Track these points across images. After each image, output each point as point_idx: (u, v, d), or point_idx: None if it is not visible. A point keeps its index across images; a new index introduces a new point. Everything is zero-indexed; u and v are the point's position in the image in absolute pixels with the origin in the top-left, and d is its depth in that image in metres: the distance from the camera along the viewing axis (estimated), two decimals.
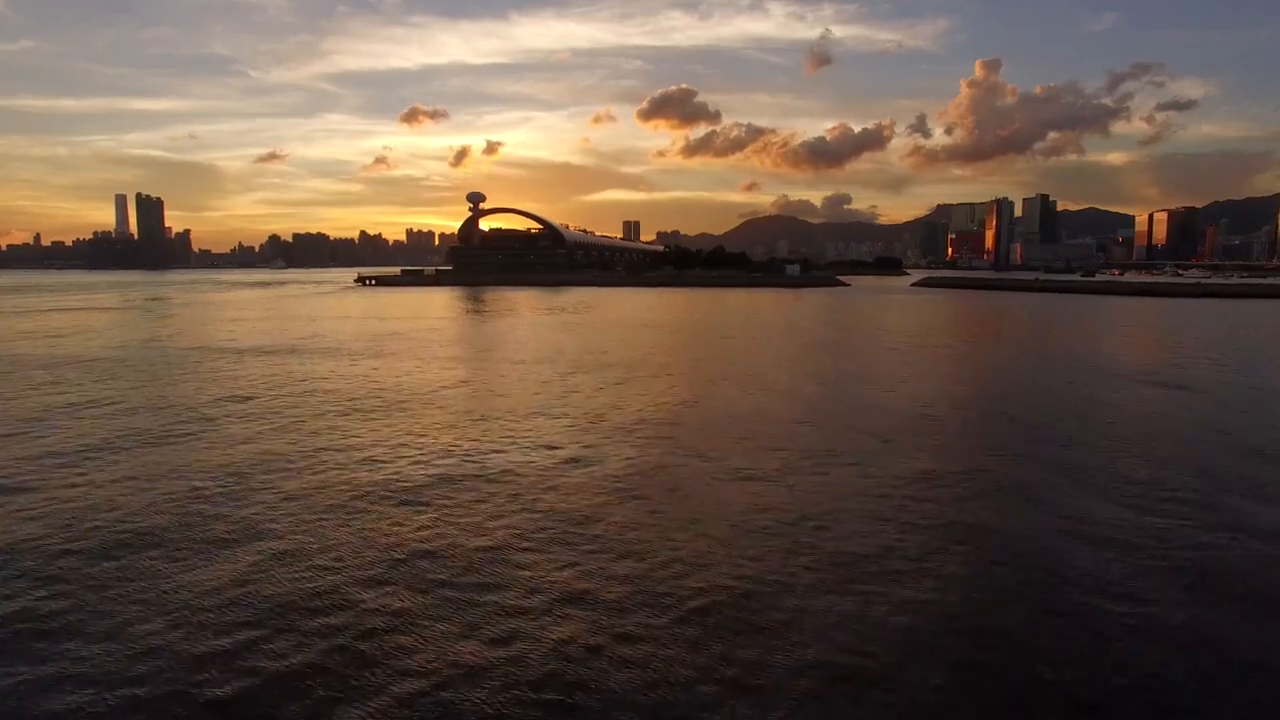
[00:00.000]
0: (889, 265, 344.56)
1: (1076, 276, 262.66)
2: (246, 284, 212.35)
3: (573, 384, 34.02)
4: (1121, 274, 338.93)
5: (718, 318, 80.00)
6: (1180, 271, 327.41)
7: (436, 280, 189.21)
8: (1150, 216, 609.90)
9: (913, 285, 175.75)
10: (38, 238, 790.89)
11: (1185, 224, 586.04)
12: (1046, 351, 48.31)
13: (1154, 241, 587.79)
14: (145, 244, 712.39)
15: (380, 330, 62.05)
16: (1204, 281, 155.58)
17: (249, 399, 30.20)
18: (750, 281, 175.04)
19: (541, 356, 43.50)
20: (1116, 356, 45.47)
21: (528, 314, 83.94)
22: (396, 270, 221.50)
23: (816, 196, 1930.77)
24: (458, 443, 23.02)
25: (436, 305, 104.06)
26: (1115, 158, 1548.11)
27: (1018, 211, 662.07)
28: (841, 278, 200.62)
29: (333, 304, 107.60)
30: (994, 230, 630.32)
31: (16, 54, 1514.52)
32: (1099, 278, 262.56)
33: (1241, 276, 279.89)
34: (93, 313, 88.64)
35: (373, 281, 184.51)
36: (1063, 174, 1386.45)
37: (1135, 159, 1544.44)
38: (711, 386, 33.78)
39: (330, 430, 24.55)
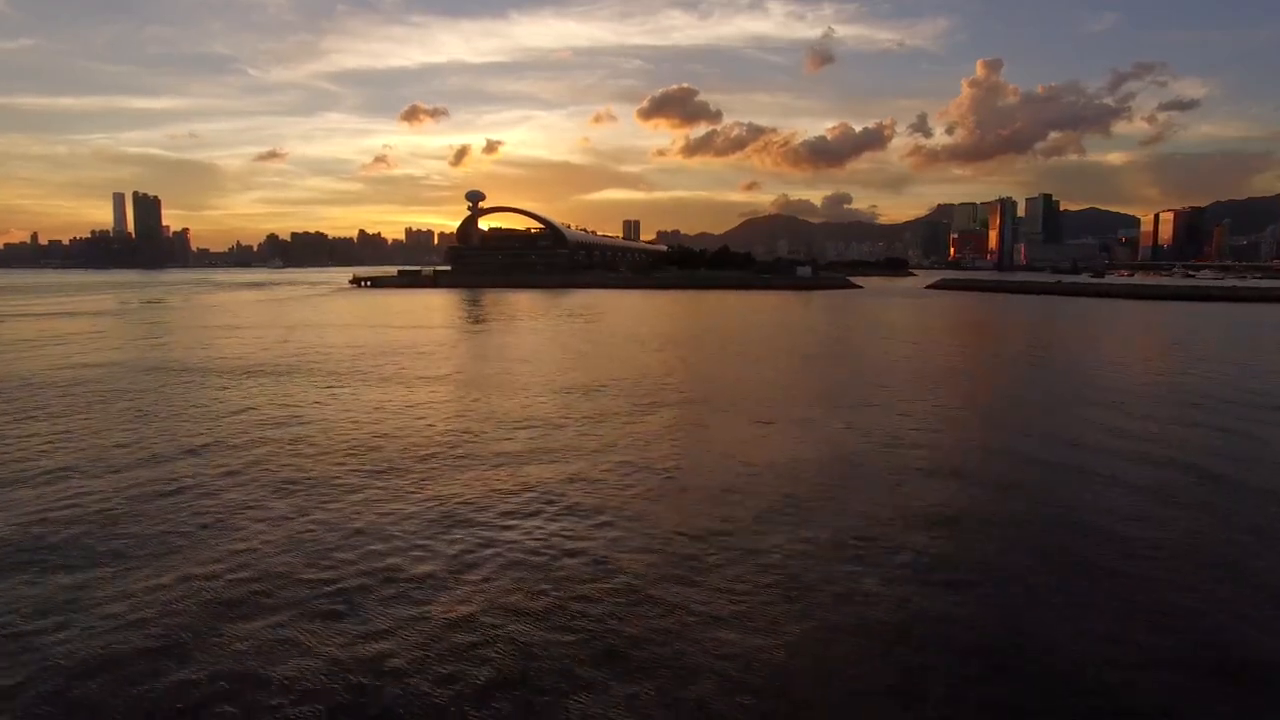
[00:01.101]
0: (895, 266, 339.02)
1: (1087, 278, 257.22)
2: (240, 285, 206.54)
3: (618, 429, 28.13)
4: (1131, 275, 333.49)
5: (739, 325, 74.16)
6: (1191, 273, 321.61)
7: (434, 282, 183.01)
8: (1156, 216, 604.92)
9: (927, 288, 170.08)
10: (35, 236, 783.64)
11: (1192, 224, 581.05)
12: (1170, 379, 42.50)
13: (1160, 241, 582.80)
14: (143, 243, 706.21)
15: (375, 344, 56.09)
16: (1240, 285, 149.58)
17: (207, 448, 24.27)
18: (760, 283, 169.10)
19: (568, 383, 37.39)
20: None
21: (535, 321, 78.05)
22: (393, 271, 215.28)
23: (816, 196, 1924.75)
24: (500, 536, 17.16)
25: (435, 310, 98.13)
26: (1115, 157, 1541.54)
27: (1020, 211, 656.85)
28: (852, 279, 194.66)
29: (324, 309, 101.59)
30: (998, 230, 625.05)
31: (16, 52, 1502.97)
32: (1109, 279, 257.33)
33: (1255, 278, 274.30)
34: (68, 320, 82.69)
35: (368, 283, 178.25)
36: (1063, 174, 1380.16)
37: (1135, 159, 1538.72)
38: (813, 437, 27.94)
39: (309, 512, 18.28)
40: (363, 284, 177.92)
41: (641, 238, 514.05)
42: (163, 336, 62.29)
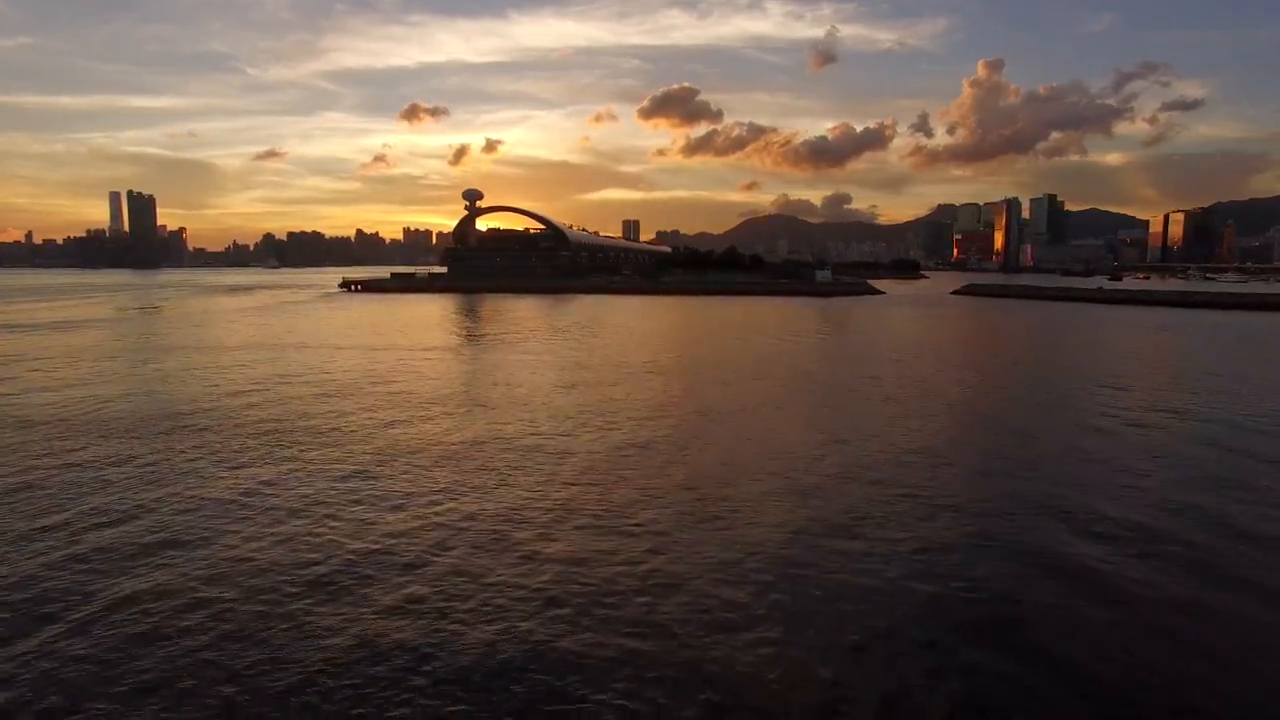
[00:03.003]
0: (906, 268, 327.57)
1: (1104, 280, 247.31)
2: (225, 289, 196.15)
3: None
4: (1146, 278, 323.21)
5: (782, 344, 63.94)
6: (1210, 275, 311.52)
7: (429, 285, 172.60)
8: (1166, 217, 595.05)
9: (952, 293, 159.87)
10: (29, 235, 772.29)
11: (1200, 225, 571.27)
12: None
13: (1169, 243, 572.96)
14: (137, 242, 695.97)
15: (345, 374, 46.02)
16: None
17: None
18: (776, 289, 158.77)
19: (600, 470, 27.33)
20: None
21: (538, 340, 67.90)
22: (387, 273, 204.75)
23: (816, 196, 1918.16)
24: None
25: (429, 323, 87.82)
26: (1114, 158, 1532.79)
27: (1023, 212, 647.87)
28: (868, 282, 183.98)
29: (305, 320, 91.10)
30: (1003, 231, 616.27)
31: (15, 51, 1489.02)
32: (1129, 282, 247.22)
33: (1278, 281, 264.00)
34: (11, 336, 72.68)
35: (358, 287, 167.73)
36: (1063, 174, 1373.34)
37: (1133, 159, 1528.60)
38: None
39: None
40: (353, 288, 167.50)
41: (641, 237, 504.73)
42: (92, 365, 52.03)
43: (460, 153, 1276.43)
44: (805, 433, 30.08)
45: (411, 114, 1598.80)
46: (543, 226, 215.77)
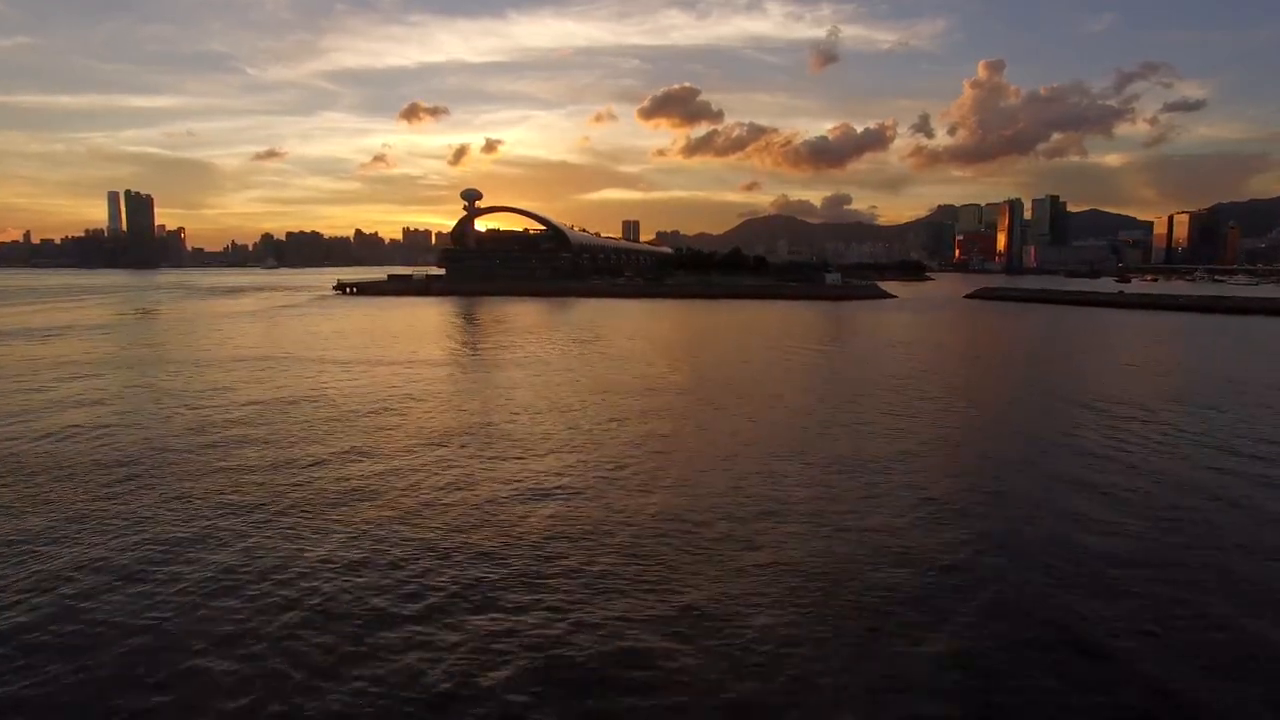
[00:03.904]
0: (910, 270, 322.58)
1: (1113, 283, 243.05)
2: (218, 291, 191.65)
3: None
4: (1154, 280, 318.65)
5: (812, 354, 59.60)
6: (1220, 277, 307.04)
7: (427, 288, 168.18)
8: (1170, 219, 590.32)
9: (966, 297, 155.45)
10: (28, 235, 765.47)
11: (1206, 226, 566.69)
12: None
13: (1174, 244, 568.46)
14: (135, 242, 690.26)
15: (338, 405, 41.73)
16: None
17: None
18: (783, 292, 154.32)
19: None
20: None
21: (550, 352, 63.50)
22: (384, 274, 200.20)
23: (816, 196, 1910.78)
24: None
25: (427, 332, 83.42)
26: (1113, 159, 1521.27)
27: (1025, 213, 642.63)
28: (878, 285, 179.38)
29: (293, 327, 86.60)
30: (1006, 232, 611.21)
31: (13, 50, 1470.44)
32: (1135, 284, 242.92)
33: None
34: None
35: (354, 290, 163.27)
36: (1063, 175, 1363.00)
37: (1133, 160, 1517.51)
38: None
39: None
40: (348, 290, 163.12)
41: (641, 238, 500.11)
42: (55, 385, 47.62)
43: (460, 153, 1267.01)
44: (874, 475, 25.74)
45: (411, 114, 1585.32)
46: (543, 227, 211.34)
